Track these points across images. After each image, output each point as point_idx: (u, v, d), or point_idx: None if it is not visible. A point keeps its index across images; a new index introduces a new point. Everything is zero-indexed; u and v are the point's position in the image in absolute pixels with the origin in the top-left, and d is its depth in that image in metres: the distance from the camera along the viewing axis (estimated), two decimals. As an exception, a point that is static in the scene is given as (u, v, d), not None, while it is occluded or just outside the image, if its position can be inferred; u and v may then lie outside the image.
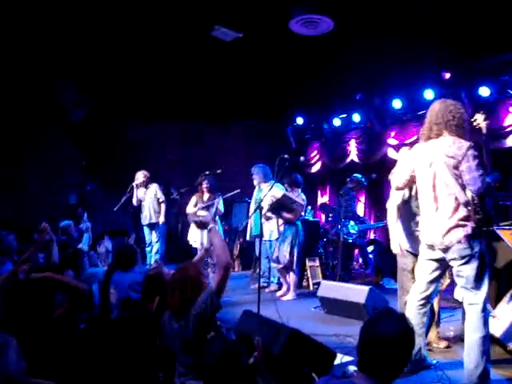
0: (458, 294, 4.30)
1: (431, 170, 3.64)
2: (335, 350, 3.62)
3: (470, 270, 3.50)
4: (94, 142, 10.13)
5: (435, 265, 3.73)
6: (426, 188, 3.71)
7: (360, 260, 9.60)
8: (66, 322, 3.12)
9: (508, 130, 7.37)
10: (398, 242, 4.44)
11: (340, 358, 3.81)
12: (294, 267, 7.04)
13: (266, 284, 7.62)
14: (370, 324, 2.15)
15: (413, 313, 3.77)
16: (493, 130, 7.70)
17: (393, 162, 9.04)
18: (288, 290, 7.13)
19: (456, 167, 3.51)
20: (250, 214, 7.37)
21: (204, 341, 3.01)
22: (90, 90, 9.35)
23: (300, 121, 11.36)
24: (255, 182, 7.51)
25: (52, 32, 7.31)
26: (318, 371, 3.19)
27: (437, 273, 3.76)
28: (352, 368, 3.13)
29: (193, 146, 10.96)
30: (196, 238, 7.70)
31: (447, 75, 8.04)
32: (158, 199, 8.25)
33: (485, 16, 6.28)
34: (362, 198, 10.40)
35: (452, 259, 3.57)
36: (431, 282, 3.77)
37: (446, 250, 3.58)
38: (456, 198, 3.52)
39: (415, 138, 8.67)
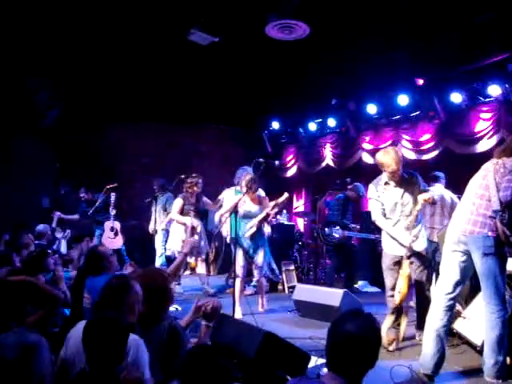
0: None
1: (483, 174, 3.81)
2: (310, 353, 3.62)
3: (494, 267, 3.59)
4: (68, 144, 9.98)
5: (460, 258, 3.76)
6: (470, 189, 3.88)
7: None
8: (38, 326, 3.07)
9: (479, 135, 7.50)
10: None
11: (314, 361, 3.82)
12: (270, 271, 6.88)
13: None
14: (337, 324, 2.17)
15: (438, 315, 3.80)
16: (464, 135, 7.88)
17: (368, 167, 9.28)
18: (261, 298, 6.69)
19: (502, 177, 3.66)
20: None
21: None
22: (64, 93, 9.23)
23: (276, 125, 11.38)
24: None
25: (27, 32, 7.19)
26: (293, 374, 3.19)
27: (462, 270, 3.78)
28: (326, 370, 3.14)
29: (168, 149, 10.89)
30: (176, 246, 7.42)
31: (420, 81, 8.15)
32: (166, 209, 8.20)
33: (457, 23, 6.41)
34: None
35: (475, 252, 3.64)
36: (457, 283, 3.79)
37: (469, 238, 3.67)
38: (489, 201, 3.65)
39: (389, 142, 8.79)
